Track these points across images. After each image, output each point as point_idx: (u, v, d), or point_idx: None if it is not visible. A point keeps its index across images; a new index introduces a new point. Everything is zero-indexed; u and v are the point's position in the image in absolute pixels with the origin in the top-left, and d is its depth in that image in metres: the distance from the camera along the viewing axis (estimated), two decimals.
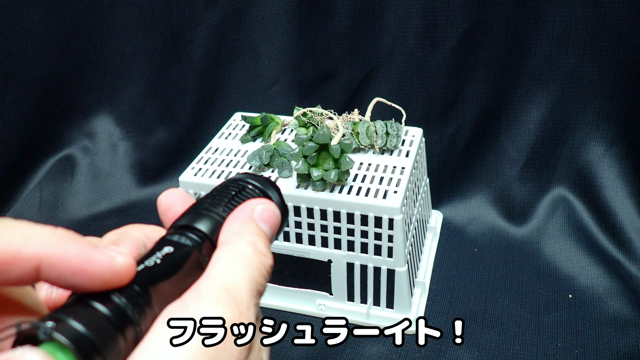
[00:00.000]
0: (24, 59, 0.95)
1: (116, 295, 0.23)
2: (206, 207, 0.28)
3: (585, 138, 0.89)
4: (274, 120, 0.82)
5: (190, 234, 0.27)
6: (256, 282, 0.25)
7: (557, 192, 0.92)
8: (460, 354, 0.72)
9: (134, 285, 0.23)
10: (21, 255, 0.22)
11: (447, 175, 0.96)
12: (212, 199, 0.29)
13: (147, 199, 1.01)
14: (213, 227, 0.27)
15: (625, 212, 0.87)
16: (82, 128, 1.03)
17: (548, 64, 0.87)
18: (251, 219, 0.28)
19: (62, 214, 0.98)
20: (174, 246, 0.26)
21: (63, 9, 0.95)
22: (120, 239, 0.26)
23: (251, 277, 0.25)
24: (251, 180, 0.31)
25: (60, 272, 0.22)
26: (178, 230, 0.27)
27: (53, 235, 0.23)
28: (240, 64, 0.98)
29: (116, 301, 0.23)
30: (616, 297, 0.79)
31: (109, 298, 0.23)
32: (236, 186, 0.30)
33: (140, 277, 0.24)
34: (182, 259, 0.26)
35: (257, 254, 0.26)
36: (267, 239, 0.28)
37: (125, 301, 0.23)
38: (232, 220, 0.28)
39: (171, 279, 0.25)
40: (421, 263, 0.84)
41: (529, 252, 0.88)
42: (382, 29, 0.90)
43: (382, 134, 0.76)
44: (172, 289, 0.25)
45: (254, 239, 0.27)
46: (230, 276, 0.25)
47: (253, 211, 0.28)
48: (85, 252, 0.22)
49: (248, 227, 0.27)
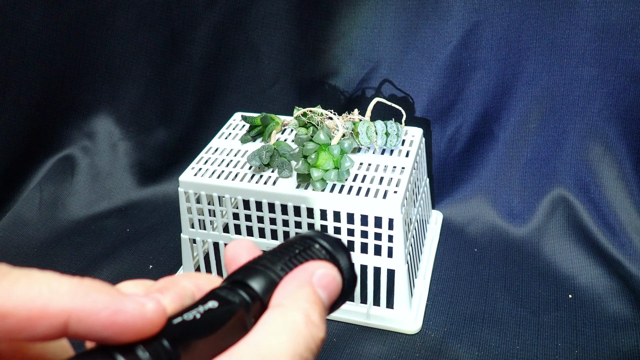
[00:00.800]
0: (24, 59, 0.95)
1: (141, 348, 0.21)
2: (264, 264, 0.26)
3: (585, 138, 0.89)
4: (274, 120, 0.82)
5: (241, 291, 0.25)
6: (300, 357, 0.23)
7: (557, 192, 0.92)
8: (460, 354, 0.72)
9: (163, 340, 0.22)
10: (48, 310, 0.20)
11: (447, 175, 0.96)
12: (273, 255, 0.26)
13: (147, 199, 1.01)
14: (267, 286, 0.25)
15: (625, 212, 0.87)
16: (82, 128, 1.03)
17: (548, 64, 0.87)
18: (309, 283, 0.25)
19: (62, 214, 0.98)
20: (220, 301, 0.24)
21: (63, 9, 0.95)
22: (167, 287, 0.24)
23: (295, 351, 0.22)
24: (320, 239, 0.28)
25: (89, 327, 0.20)
26: (229, 285, 0.25)
27: (80, 287, 0.21)
28: (240, 64, 0.98)
29: (140, 355, 0.21)
30: (616, 297, 0.79)
31: (133, 351, 0.21)
32: (302, 244, 0.28)
33: (173, 330, 0.22)
34: (224, 316, 0.23)
35: (308, 324, 0.23)
36: (324, 308, 0.25)
37: (148, 356, 0.21)
38: (288, 281, 0.25)
39: (207, 338, 0.22)
40: (421, 263, 0.84)
41: (529, 252, 0.88)
42: (382, 28, 0.90)
43: (382, 134, 0.76)
44: (207, 348, 0.22)
45: (308, 307, 0.24)
46: (273, 345, 0.22)
47: (312, 275, 0.26)
48: (115, 302, 0.21)
49: (304, 293, 0.25)
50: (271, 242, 0.76)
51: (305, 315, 0.24)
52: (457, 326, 0.76)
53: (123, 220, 0.97)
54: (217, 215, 0.76)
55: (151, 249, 0.91)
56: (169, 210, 0.99)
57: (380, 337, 0.75)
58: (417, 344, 0.74)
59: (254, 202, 0.73)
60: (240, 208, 0.74)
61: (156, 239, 0.93)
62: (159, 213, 0.99)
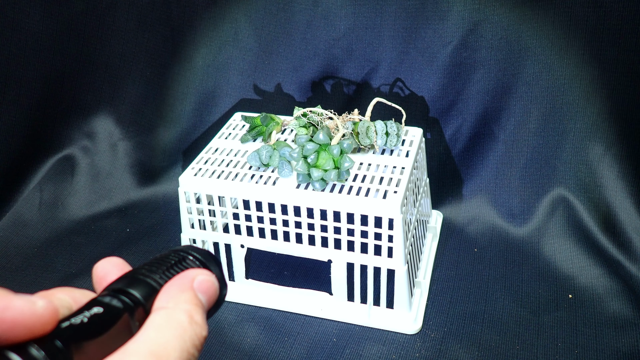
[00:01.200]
0: (24, 59, 0.95)
1: (35, 347, 0.21)
2: (143, 273, 0.28)
3: (585, 138, 0.89)
4: (274, 120, 0.82)
5: (124, 297, 0.26)
6: (187, 352, 0.24)
7: (557, 192, 0.92)
8: (460, 354, 0.72)
9: (55, 340, 0.22)
10: None
11: (447, 175, 0.96)
12: (150, 266, 0.28)
13: (147, 199, 1.01)
14: (148, 293, 0.27)
15: (625, 212, 0.87)
16: (82, 128, 1.03)
17: (548, 64, 0.87)
18: (190, 288, 0.27)
19: (62, 214, 0.98)
20: (104, 307, 0.25)
21: (63, 9, 0.95)
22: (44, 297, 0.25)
23: (182, 347, 0.24)
24: (193, 252, 0.30)
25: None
26: (111, 293, 0.26)
27: None
28: (240, 64, 0.98)
29: (34, 354, 0.21)
30: (616, 297, 0.79)
31: (26, 350, 0.21)
32: (177, 256, 0.30)
33: (64, 332, 0.23)
34: (111, 320, 0.25)
35: (192, 323, 0.26)
36: (204, 310, 0.27)
37: (43, 354, 0.21)
38: (170, 286, 0.27)
39: (97, 339, 0.24)
40: (421, 263, 0.84)
41: (529, 252, 0.88)
42: (382, 29, 0.90)
43: (382, 134, 0.76)
44: (97, 350, 0.24)
45: (191, 308, 0.26)
46: (161, 342, 0.24)
47: (193, 280, 0.28)
48: (3, 300, 0.21)
49: (186, 296, 0.27)
50: (271, 242, 0.76)
51: (189, 316, 0.26)
52: (457, 326, 0.76)
53: (123, 220, 0.97)
54: (217, 215, 0.76)
55: (151, 249, 0.91)
56: (169, 210, 0.99)
57: (380, 337, 0.75)
58: (417, 344, 0.74)
59: (254, 202, 0.73)
60: (240, 208, 0.74)
61: (156, 239, 0.93)
62: (159, 213, 0.99)
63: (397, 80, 0.93)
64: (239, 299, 0.80)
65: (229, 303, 0.80)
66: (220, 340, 0.75)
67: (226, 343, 0.74)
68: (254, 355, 0.73)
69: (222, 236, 0.78)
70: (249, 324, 0.77)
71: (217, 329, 0.76)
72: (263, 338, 0.75)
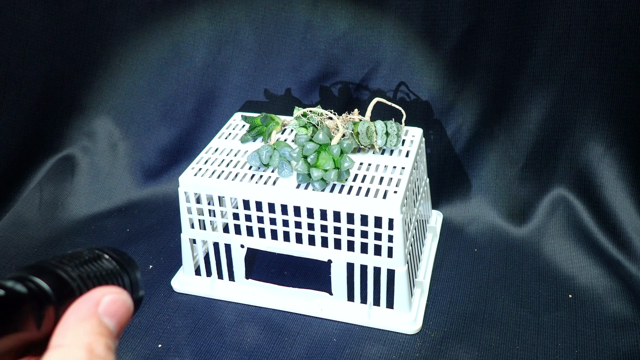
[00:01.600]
0: (24, 59, 0.95)
1: None
2: (51, 264, 0.25)
3: (585, 138, 0.89)
4: (274, 120, 0.82)
5: (29, 283, 0.23)
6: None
7: (557, 192, 0.92)
8: (460, 354, 0.72)
9: None
10: None
11: (447, 175, 0.96)
12: (61, 258, 0.26)
13: (147, 199, 1.01)
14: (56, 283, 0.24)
15: (625, 212, 0.87)
16: (82, 128, 1.03)
17: (548, 64, 0.87)
18: (93, 315, 0.24)
19: (62, 214, 0.98)
20: (6, 290, 0.22)
21: (63, 9, 0.95)
22: None
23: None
24: (109, 251, 0.28)
25: None
26: (14, 278, 0.23)
27: None
28: (240, 64, 0.98)
29: None
30: (616, 297, 0.79)
31: None
32: (91, 254, 0.27)
33: None
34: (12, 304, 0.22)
35: (93, 359, 0.23)
36: (112, 337, 0.24)
37: None
38: (70, 314, 0.24)
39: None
40: (421, 263, 0.84)
41: (529, 252, 0.88)
42: (382, 29, 0.90)
43: (382, 134, 0.76)
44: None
45: (92, 341, 0.23)
46: None
47: (97, 304, 0.24)
48: None
49: (86, 326, 0.24)
50: (271, 242, 0.76)
51: (88, 351, 0.23)
52: (457, 326, 0.76)
53: (123, 220, 0.97)
54: (217, 215, 0.76)
55: (151, 249, 0.91)
56: (169, 210, 0.99)
57: (380, 337, 0.75)
58: (417, 344, 0.74)
59: (254, 202, 0.73)
60: (240, 208, 0.74)
61: (156, 239, 0.93)
62: (159, 213, 0.99)
63: (397, 80, 0.93)
64: (239, 299, 0.80)
65: (229, 303, 0.80)
66: (220, 340, 0.75)
67: (226, 343, 0.74)
68: (254, 355, 0.73)
69: (222, 236, 0.78)
70: (249, 324, 0.77)
71: (217, 329, 0.76)
72: (263, 338, 0.75)
